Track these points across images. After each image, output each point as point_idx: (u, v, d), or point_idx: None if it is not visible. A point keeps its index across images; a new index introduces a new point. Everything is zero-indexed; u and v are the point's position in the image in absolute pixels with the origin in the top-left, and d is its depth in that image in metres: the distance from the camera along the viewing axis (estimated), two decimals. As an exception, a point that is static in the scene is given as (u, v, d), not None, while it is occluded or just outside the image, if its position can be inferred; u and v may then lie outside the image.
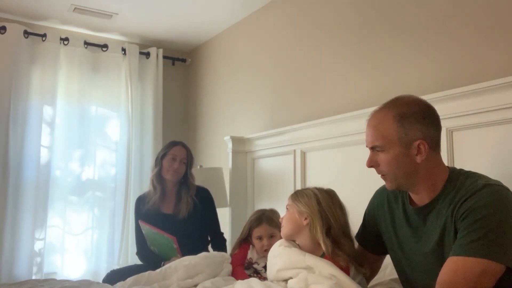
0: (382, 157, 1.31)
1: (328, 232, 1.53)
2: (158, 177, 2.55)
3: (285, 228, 1.63)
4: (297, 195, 1.64)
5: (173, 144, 2.60)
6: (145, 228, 2.41)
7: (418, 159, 1.27)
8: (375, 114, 1.35)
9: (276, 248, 1.62)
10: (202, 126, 4.00)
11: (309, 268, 1.45)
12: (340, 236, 1.53)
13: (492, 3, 1.80)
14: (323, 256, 1.51)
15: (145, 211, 2.49)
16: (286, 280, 1.50)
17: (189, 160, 2.59)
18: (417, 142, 1.26)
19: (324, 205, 1.56)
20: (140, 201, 2.57)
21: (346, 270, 1.46)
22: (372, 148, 1.34)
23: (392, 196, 1.45)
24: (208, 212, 2.59)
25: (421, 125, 1.26)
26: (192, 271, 1.83)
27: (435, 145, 1.30)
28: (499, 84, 1.60)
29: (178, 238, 2.28)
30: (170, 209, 2.52)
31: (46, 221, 3.35)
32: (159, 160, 2.56)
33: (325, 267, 1.42)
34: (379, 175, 1.37)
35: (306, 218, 1.56)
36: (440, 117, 1.74)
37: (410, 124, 1.26)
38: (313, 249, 1.55)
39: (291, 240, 1.62)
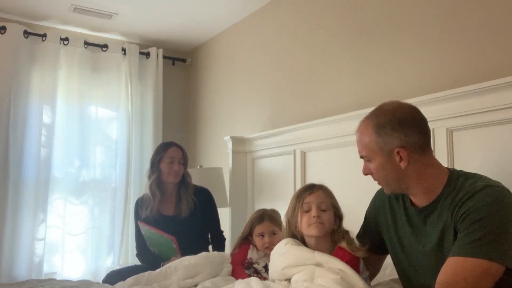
0: (371, 166, 1.37)
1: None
2: (158, 183, 2.49)
3: (328, 227, 1.56)
4: (331, 196, 1.63)
5: (167, 146, 2.54)
6: (144, 228, 2.40)
7: (402, 165, 1.29)
8: (360, 124, 1.40)
9: (282, 246, 1.60)
10: (202, 126, 4.00)
11: (318, 264, 1.46)
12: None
13: (492, 3, 1.80)
14: (333, 248, 1.53)
15: (144, 216, 2.47)
16: (289, 280, 1.50)
17: (185, 159, 2.55)
18: (396, 150, 1.29)
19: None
20: (139, 205, 2.54)
21: (357, 261, 1.49)
22: (361, 158, 1.40)
23: (393, 197, 1.46)
24: (209, 212, 2.57)
25: (398, 132, 1.29)
26: (192, 271, 1.83)
27: (420, 149, 1.30)
28: (499, 84, 1.60)
29: (179, 238, 2.28)
30: (171, 211, 2.50)
31: (46, 221, 3.35)
32: (156, 165, 2.50)
33: (335, 263, 1.43)
34: None
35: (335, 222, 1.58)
36: (440, 117, 1.77)
37: (386, 133, 1.30)
38: (328, 247, 1.56)
39: (296, 239, 1.61)
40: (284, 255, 1.56)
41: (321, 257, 1.47)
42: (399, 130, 1.29)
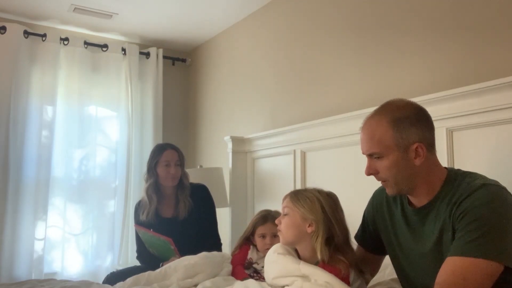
0: (381, 164, 1.30)
1: (329, 240, 1.48)
2: (155, 186, 2.47)
3: (286, 235, 1.53)
4: (298, 198, 1.54)
5: (162, 149, 2.50)
6: (141, 232, 2.40)
7: (417, 162, 1.26)
8: (368, 121, 1.34)
9: (271, 255, 1.58)
10: (202, 126, 4.00)
11: (304, 277, 1.43)
12: (344, 243, 1.50)
13: (492, 3, 1.80)
14: (318, 263, 1.48)
15: (143, 220, 2.46)
16: (282, 287, 1.48)
17: (181, 161, 2.51)
18: (415, 145, 1.26)
19: (328, 211, 1.49)
20: (139, 208, 2.53)
21: (346, 276, 1.45)
22: (370, 156, 1.33)
23: (391, 197, 1.45)
24: (203, 209, 2.52)
25: (416, 128, 1.26)
26: (192, 271, 1.83)
27: (431, 146, 1.30)
28: (499, 84, 1.60)
29: (179, 240, 2.27)
30: (170, 213, 2.49)
31: (46, 221, 3.35)
32: (153, 170, 2.46)
33: (321, 275, 1.40)
34: None
35: (310, 225, 1.49)
36: (440, 117, 1.77)
37: (405, 128, 1.26)
38: (312, 256, 1.50)
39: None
40: (272, 263, 1.54)
41: (306, 269, 1.43)
42: (416, 125, 1.26)
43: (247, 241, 2.01)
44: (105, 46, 3.74)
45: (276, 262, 1.53)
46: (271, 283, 1.52)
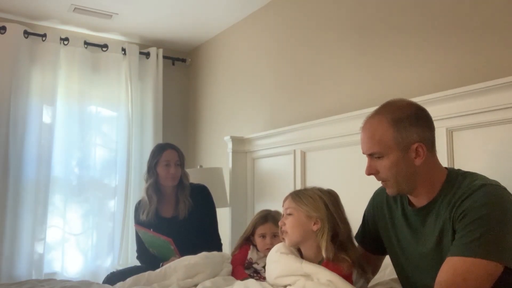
0: (381, 163, 1.30)
1: (334, 237, 1.48)
2: (155, 186, 2.47)
3: (292, 235, 1.52)
4: (300, 197, 1.54)
5: (162, 149, 2.51)
6: (141, 231, 2.40)
7: (417, 162, 1.27)
8: (368, 121, 1.34)
9: (273, 254, 1.58)
10: (202, 126, 4.00)
11: (307, 276, 1.43)
12: (348, 240, 1.50)
13: (492, 3, 1.80)
14: (321, 262, 1.48)
15: (143, 219, 2.46)
16: (285, 286, 1.48)
17: (181, 160, 2.52)
18: (415, 145, 1.26)
19: (331, 209, 1.50)
20: (139, 208, 2.53)
21: (349, 275, 1.45)
22: (370, 155, 1.33)
23: (391, 197, 1.45)
24: (203, 210, 2.53)
25: (416, 127, 1.27)
26: (192, 271, 1.83)
27: (431, 146, 1.30)
28: (499, 84, 1.60)
29: (179, 239, 2.27)
30: (170, 213, 2.50)
31: (46, 221, 3.35)
32: (153, 170, 2.47)
33: (323, 274, 1.40)
34: None
35: (315, 223, 1.48)
36: (440, 117, 1.77)
37: (405, 127, 1.26)
38: (317, 255, 1.50)
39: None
40: (274, 263, 1.54)
41: (309, 268, 1.43)
42: (416, 125, 1.27)
43: (247, 241, 2.01)
44: (105, 46, 3.74)
45: (278, 261, 1.53)
46: (273, 282, 1.52)
